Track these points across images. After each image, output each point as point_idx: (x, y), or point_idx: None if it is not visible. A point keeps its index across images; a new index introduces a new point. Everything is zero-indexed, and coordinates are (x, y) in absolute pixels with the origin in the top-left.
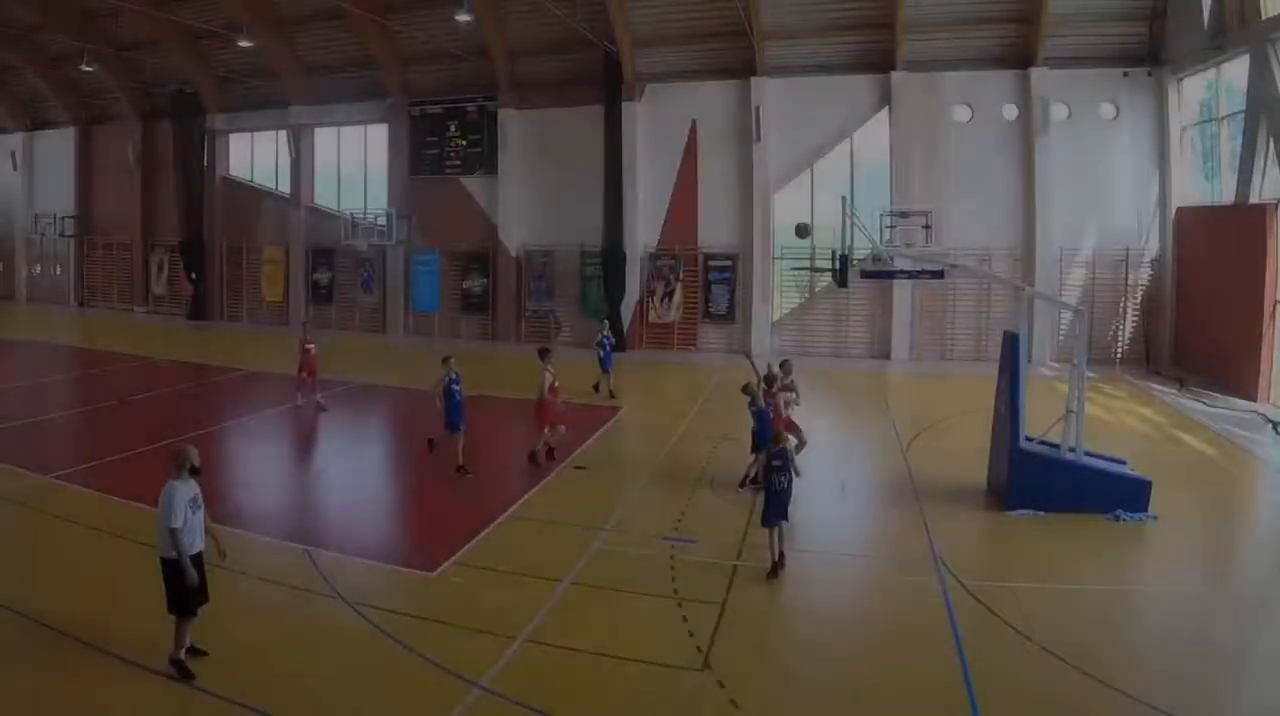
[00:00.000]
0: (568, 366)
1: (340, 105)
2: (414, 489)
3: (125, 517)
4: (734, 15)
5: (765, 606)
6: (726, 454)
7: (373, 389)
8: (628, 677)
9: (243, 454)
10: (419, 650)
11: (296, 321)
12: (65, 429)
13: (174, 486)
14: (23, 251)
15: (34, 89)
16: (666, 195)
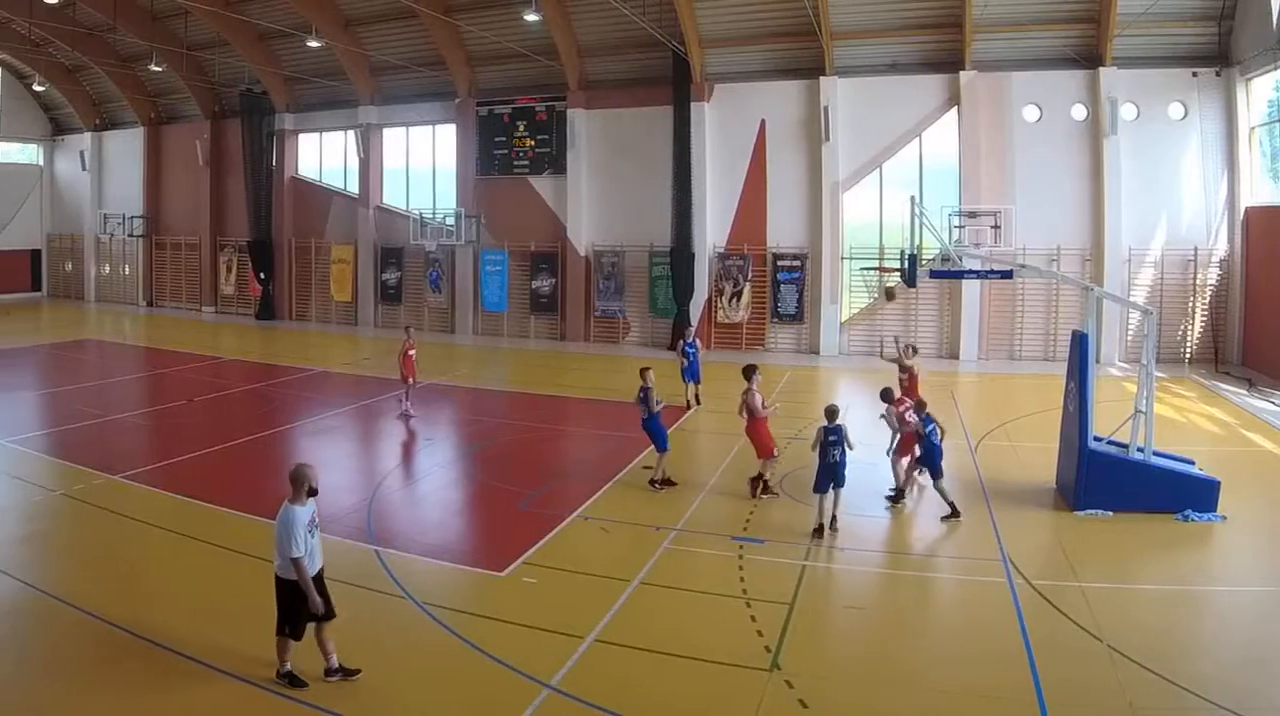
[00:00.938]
0: (634, 363)
1: (409, 105)
2: (483, 489)
3: (194, 517)
4: (803, 15)
5: (834, 606)
6: (795, 454)
7: (443, 389)
8: (696, 677)
9: (311, 454)
10: (488, 650)
11: (365, 321)
12: (135, 429)
13: (293, 511)
14: (91, 252)
15: (103, 89)
16: (735, 195)
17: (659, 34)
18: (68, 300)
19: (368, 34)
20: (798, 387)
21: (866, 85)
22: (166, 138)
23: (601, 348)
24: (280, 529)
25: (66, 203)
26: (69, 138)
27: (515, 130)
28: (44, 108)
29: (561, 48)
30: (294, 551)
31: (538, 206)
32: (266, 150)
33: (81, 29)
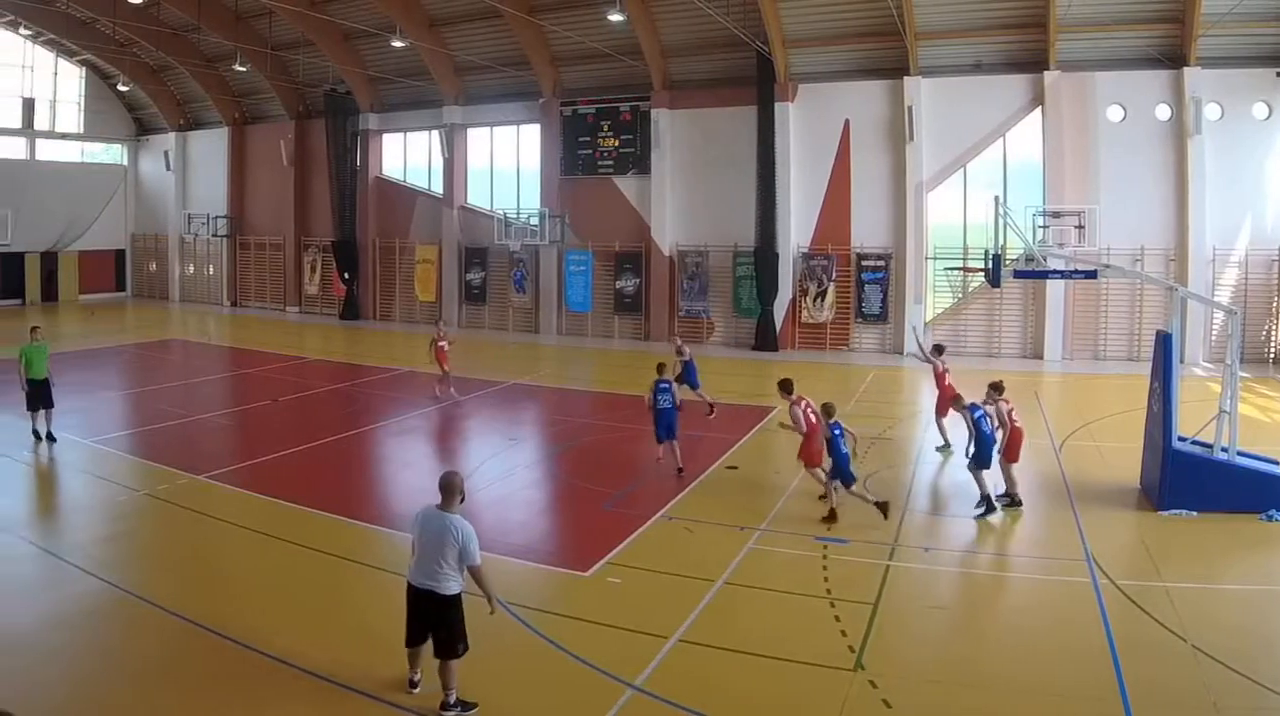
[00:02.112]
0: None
1: (493, 105)
2: (567, 489)
3: (279, 517)
4: (887, 15)
5: (918, 606)
6: (879, 454)
7: (528, 389)
8: (780, 677)
9: (395, 454)
10: (572, 650)
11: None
12: (219, 429)
13: (465, 521)
14: (176, 252)
15: (187, 89)
16: (819, 195)
17: (743, 34)
18: (152, 300)
19: (452, 34)
20: (882, 388)
21: (950, 85)
22: (251, 138)
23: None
24: (466, 537)
25: (151, 203)
26: (153, 138)
27: (599, 130)
28: (129, 108)
29: (646, 48)
30: (478, 559)
31: (622, 206)
32: (351, 150)
33: (166, 29)
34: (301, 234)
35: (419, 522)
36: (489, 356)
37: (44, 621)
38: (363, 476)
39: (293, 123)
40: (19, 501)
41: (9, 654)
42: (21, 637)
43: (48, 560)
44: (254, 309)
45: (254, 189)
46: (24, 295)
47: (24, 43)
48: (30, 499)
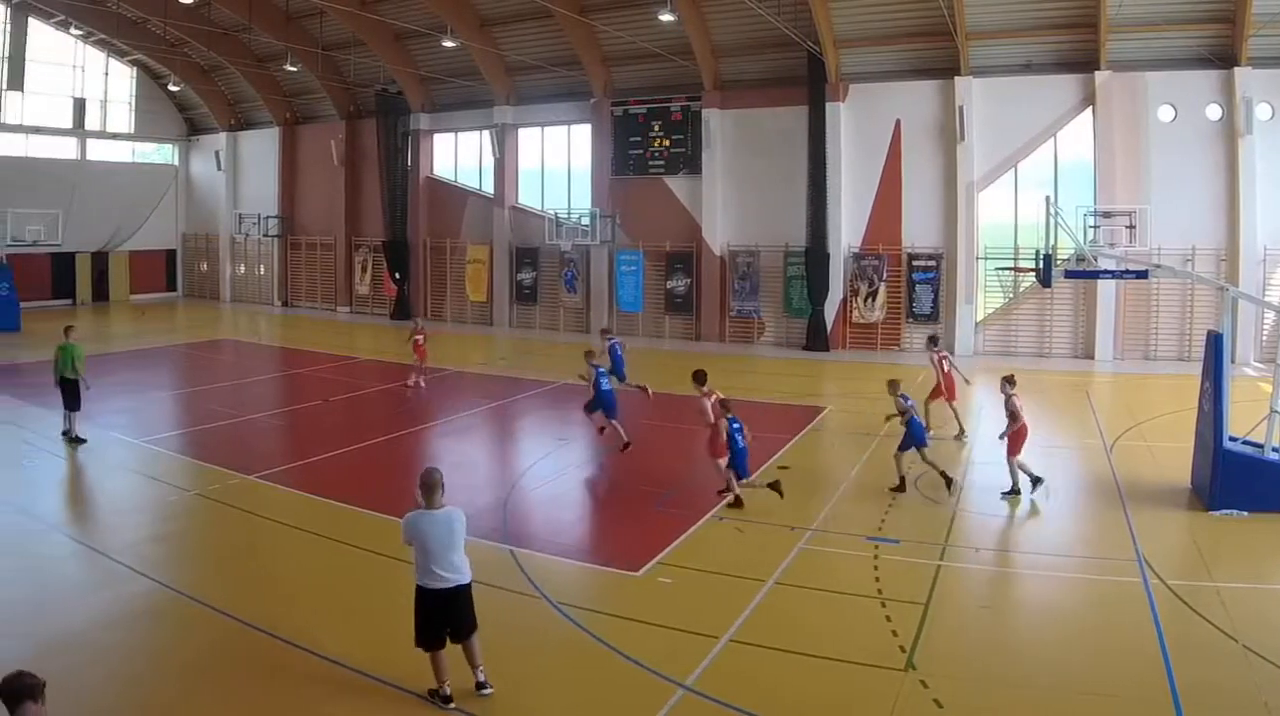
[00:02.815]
0: (768, 363)
1: (544, 105)
2: (617, 489)
3: (330, 517)
4: (937, 15)
5: (969, 606)
6: (932, 454)
7: (579, 389)
8: (831, 677)
9: (446, 454)
10: (623, 650)
11: (501, 321)
12: (270, 429)
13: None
14: (226, 252)
15: (238, 89)
16: (870, 194)
17: (794, 34)
18: (203, 300)
19: (503, 34)
20: (931, 388)
21: (1001, 85)
22: (302, 137)
23: (737, 347)
24: (464, 524)
25: (201, 203)
26: (204, 138)
27: (650, 130)
28: (179, 108)
29: (697, 47)
30: None
31: (673, 206)
32: (402, 150)
33: (217, 29)
34: (352, 234)
35: (421, 526)
36: (540, 356)
37: (95, 621)
38: (414, 476)
39: (344, 122)
40: (71, 502)
41: (62, 653)
42: (74, 637)
43: (99, 560)
44: (305, 309)
45: (305, 189)
46: (75, 295)
47: (75, 43)
48: (81, 499)
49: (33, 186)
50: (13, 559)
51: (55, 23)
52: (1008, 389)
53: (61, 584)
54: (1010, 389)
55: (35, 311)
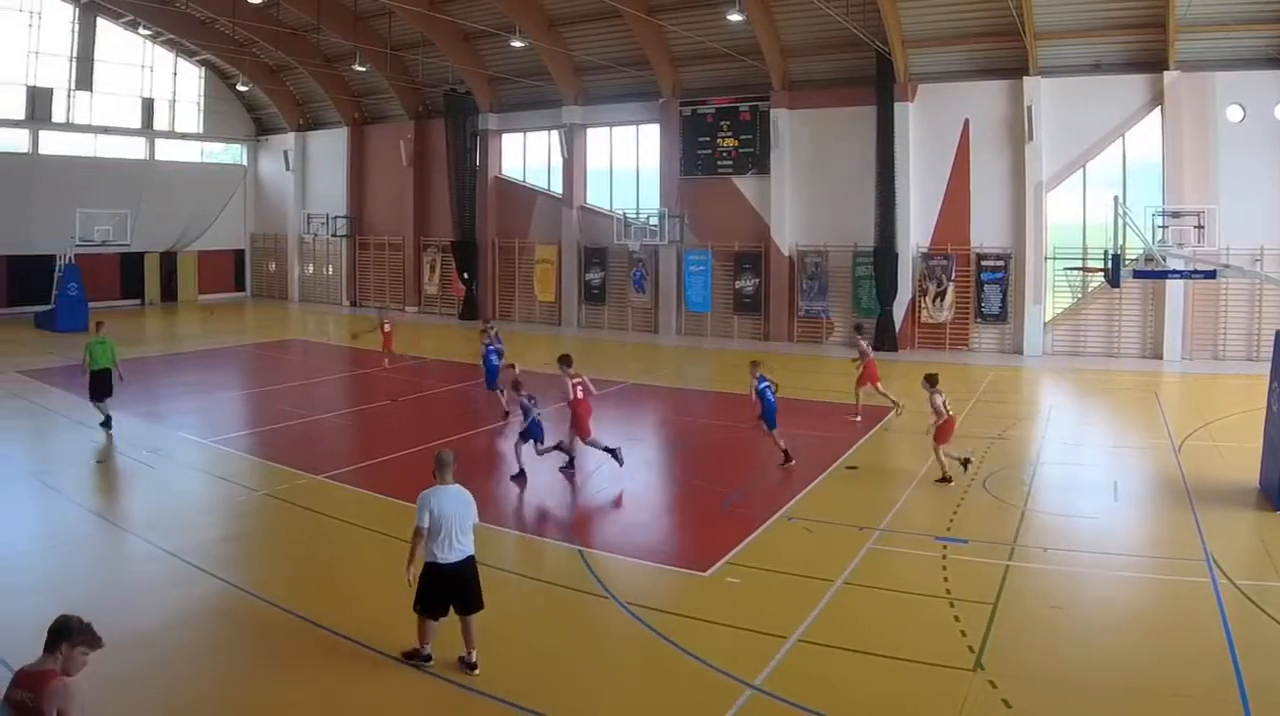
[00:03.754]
0: (837, 363)
1: (612, 105)
2: (686, 489)
3: (398, 517)
4: (1006, 15)
5: (1038, 606)
6: (999, 454)
7: (647, 390)
8: (900, 678)
9: (514, 455)
10: (691, 650)
11: (569, 321)
12: (338, 429)
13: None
14: (295, 252)
15: (307, 89)
16: (939, 194)
17: (862, 34)
18: (271, 300)
19: (571, 34)
20: (1001, 388)
21: (1070, 85)
22: (370, 137)
23: (805, 348)
24: (473, 502)
25: (270, 203)
26: (273, 138)
27: (719, 130)
28: (248, 108)
29: (765, 48)
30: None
31: (741, 206)
32: (470, 150)
33: (285, 29)
34: (421, 234)
35: (438, 503)
36: (608, 356)
37: (165, 621)
38: (481, 477)
39: (412, 122)
40: (140, 502)
41: (133, 653)
42: (144, 636)
43: (168, 560)
44: (373, 309)
45: (373, 189)
46: (144, 295)
47: (143, 43)
48: (151, 499)
49: (101, 186)
50: (83, 558)
51: (124, 23)
52: (928, 388)
53: (131, 583)
54: (930, 388)
55: (104, 311)
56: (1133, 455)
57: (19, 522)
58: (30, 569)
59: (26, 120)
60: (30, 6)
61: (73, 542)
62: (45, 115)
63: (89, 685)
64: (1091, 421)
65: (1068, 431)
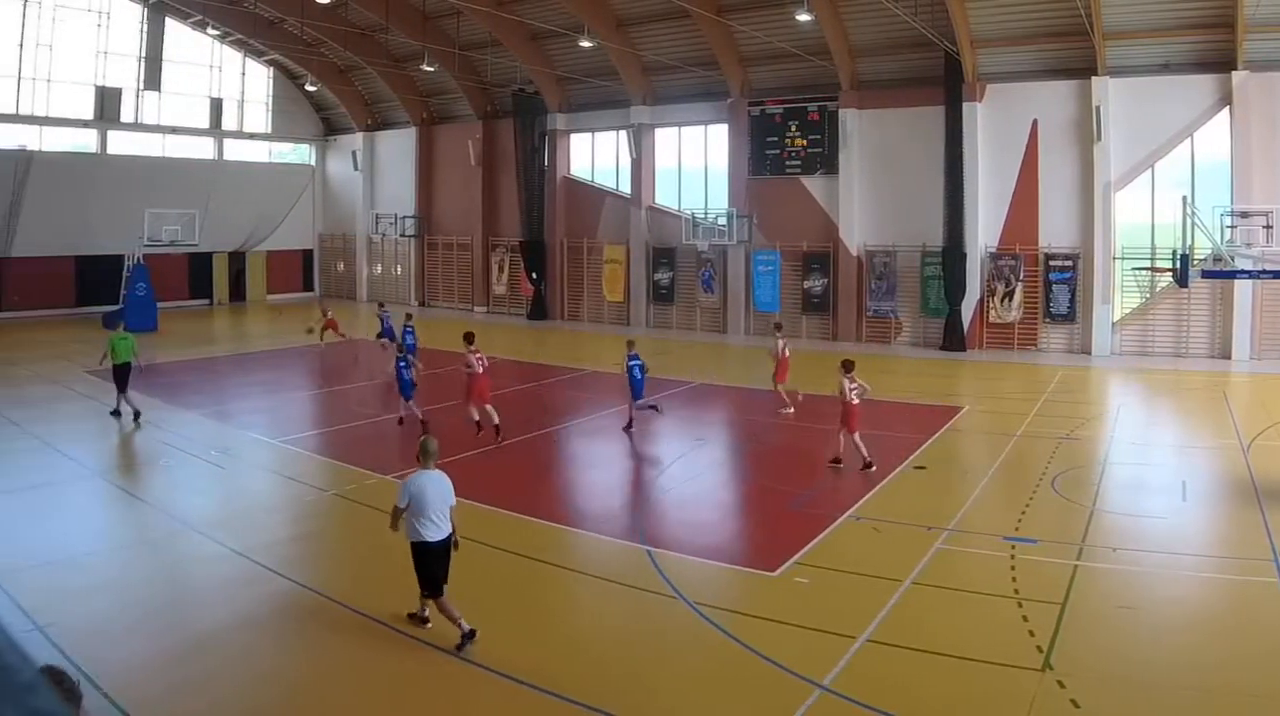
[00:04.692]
0: (905, 363)
1: (681, 105)
2: (754, 489)
3: (466, 517)
4: (1075, 15)
5: (1106, 606)
6: (1067, 454)
7: (714, 390)
8: (968, 677)
9: (583, 454)
10: (760, 650)
11: (638, 321)
12: (407, 429)
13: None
14: (363, 252)
15: (375, 89)
16: (1007, 195)
17: (931, 34)
18: (339, 300)
19: (640, 34)
20: (1070, 388)
21: (1138, 85)
22: (438, 137)
23: (873, 347)
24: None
25: (338, 203)
26: (341, 138)
27: (787, 130)
28: (316, 108)
29: (834, 47)
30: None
31: (809, 206)
32: (539, 150)
33: (354, 29)
34: (489, 234)
35: (422, 487)
36: (676, 357)
37: (236, 621)
38: (551, 476)
39: (480, 122)
40: (209, 502)
41: (204, 653)
42: (214, 637)
43: (238, 560)
44: (442, 309)
45: (442, 189)
46: (212, 295)
47: (212, 42)
48: (220, 499)
49: (169, 187)
50: (154, 559)
51: (192, 23)
52: (842, 373)
53: (202, 583)
54: (844, 374)
55: (172, 311)
56: (1201, 455)
57: (87, 523)
58: (99, 569)
59: (95, 120)
60: (99, 6)
61: (141, 543)
62: (114, 115)
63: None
64: (1160, 421)
65: (1136, 431)
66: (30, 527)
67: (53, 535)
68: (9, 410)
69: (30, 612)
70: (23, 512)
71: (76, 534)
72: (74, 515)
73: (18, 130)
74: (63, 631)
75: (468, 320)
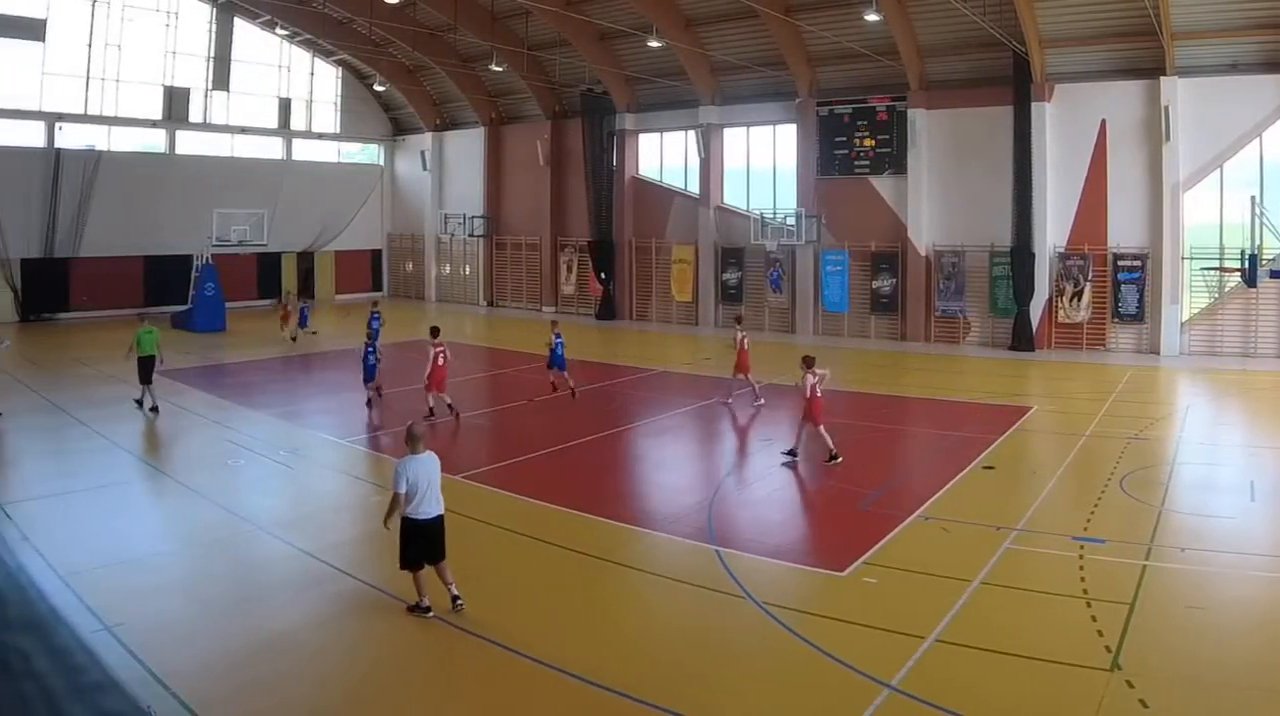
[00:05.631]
0: (974, 363)
1: (749, 105)
2: (822, 489)
3: (535, 517)
4: (1143, 15)
5: (1175, 606)
6: (1137, 454)
7: (782, 390)
8: (1036, 677)
9: (651, 453)
10: (828, 649)
11: (706, 321)
12: (474, 429)
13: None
14: (432, 252)
15: (443, 89)
16: (1075, 195)
17: (999, 34)
18: (408, 300)
19: (708, 34)
20: (1139, 388)
21: (1207, 85)
22: (507, 137)
23: (942, 348)
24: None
25: (407, 203)
26: (409, 138)
27: (856, 130)
28: (384, 108)
29: (902, 47)
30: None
31: (878, 206)
32: (607, 150)
33: (422, 29)
34: (558, 234)
35: (416, 468)
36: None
37: (305, 621)
38: (619, 476)
39: (549, 122)
40: (277, 501)
41: (274, 654)
42: (284, 637)
43: (306, 560)
44: (510, 309)
45: (510, 189)
46: (280, 295)
47: (280, 43)
48: (288, 499)
49: (238, 187)
50: (222, 558)
51: (261, 23)
52: (804, 368)
53: (270, 583)
54: (805, 368)
55: (240, 311)
56: (1269, 455)
57: (155, 523)
58: (169, 569)
59: (164, 120)
60: (168, 7)
61: (210, 543)
62: (182, 115)
63: (229, 687)
64: (1228, 421)
65: (1204, 431)
66: (98, 527)
67: (121, 535)
68: (78, 410)
69: (99, 613)
70: (91, 512)
71: (144, 534)
72: (142, 515)
73: (87, 130)
74: (131, 631)
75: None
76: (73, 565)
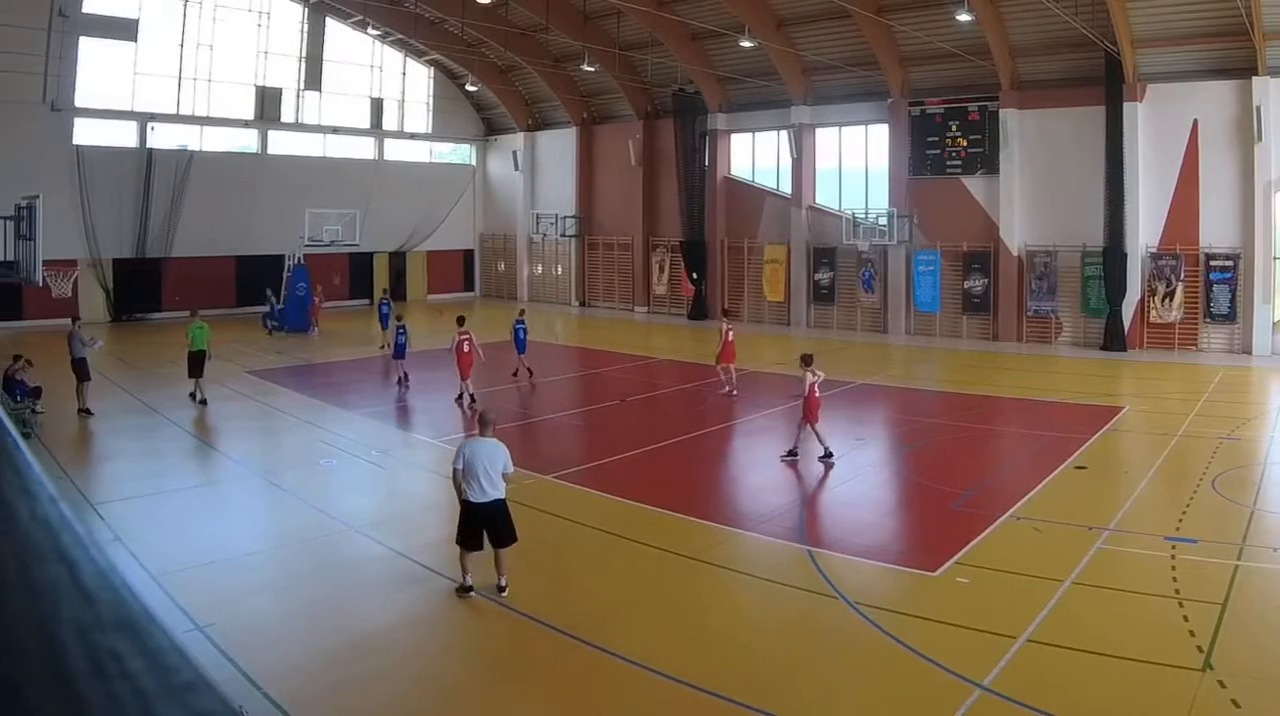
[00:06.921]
0: (1066, 363)
1: (841, 105)
2: (915, 489)
3: (627, 517)
4: (1235, 15)
5: (1267, 607)
6: (1228, 454)
7: (874, 390)
8: (1127, 678)
9: (743, 454)
10: (920, 649)
11: (798, 321)
12: (566, 429)
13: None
14: (524, 252)
15: (535, 89)
16: (1167, 195)
17: (1091, 34)
18: (500, 300)
19: (800, 34)
20: (1230, 388)
21: None
22: (599, 137)
23: (1034, 347)
24: (507, 453)
25: (499, 203)
26: (501, 138)
27: (948, 130)
28: (476, 108)
29: (994, 47)
30: (512, 467)
31: (970, 206)
32: (699, 150)
33: (514, 29)
34: (650, 234)
35: (474, 449)
36: (837, 356)
37: (399, 621)
38: (711, 476)
39: (641, 122)
40: (369, 501)
41: (369, 654)
42: (378, 637)
43: (398, 560)
44: (602, 309)
45: (602, 189)
46: (372, 295)
47: (372, 43)
48: (380, 499)
49: (330, 186)
50: (314, 558)
51: (353, 23)
52: (802, 368)
53: (362, 584)
54: (805, 367)
55: (332, 312)
56: None
57: (248, 523)
58: (260, 568)
59: (256, 120)
60: (260, 7)
61: (301, 543)
62: (274, 115)
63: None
64: None
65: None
66: (190, 528)
67: (212, 535)
68: (169, 410)
69: (191, 613)
70: (182, 513)
71: (236, 534)
72: (233, 515)
73: (179, 130)
74: (223, 632)
75: (628, 319)
76: (164, 565)
